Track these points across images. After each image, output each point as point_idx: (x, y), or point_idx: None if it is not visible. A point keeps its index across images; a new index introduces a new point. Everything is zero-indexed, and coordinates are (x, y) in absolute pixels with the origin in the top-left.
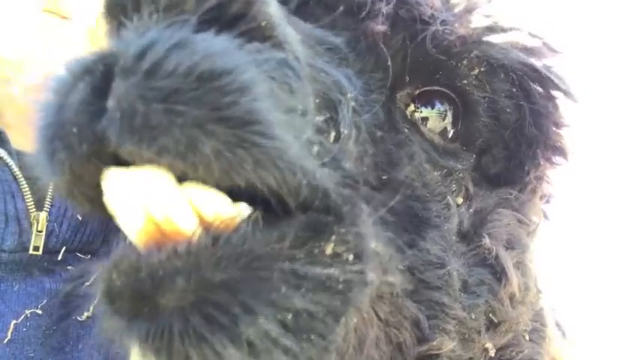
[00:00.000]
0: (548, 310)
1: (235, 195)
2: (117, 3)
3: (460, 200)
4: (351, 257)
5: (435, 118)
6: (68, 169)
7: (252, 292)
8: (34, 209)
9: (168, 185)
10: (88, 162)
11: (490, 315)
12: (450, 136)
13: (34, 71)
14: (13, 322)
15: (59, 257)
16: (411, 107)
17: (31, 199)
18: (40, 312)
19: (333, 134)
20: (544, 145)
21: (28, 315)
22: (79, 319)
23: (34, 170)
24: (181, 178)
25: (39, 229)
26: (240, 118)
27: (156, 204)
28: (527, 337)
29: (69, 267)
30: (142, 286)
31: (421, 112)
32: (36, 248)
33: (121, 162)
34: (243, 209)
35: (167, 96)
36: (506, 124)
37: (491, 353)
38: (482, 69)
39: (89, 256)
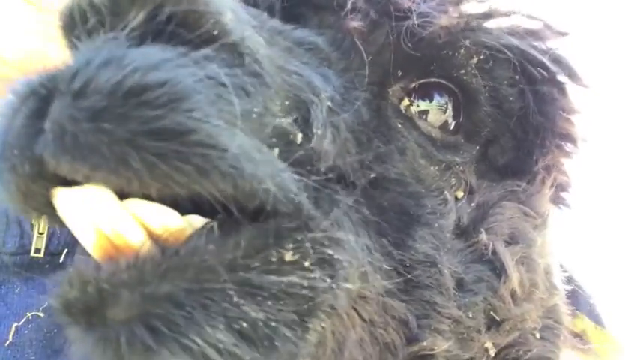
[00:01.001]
0: (562, 306)
1: (196, 204)
2: (66, 20)
3: (460, 194)
4: (308, 264)
5: (435, 111)
6: (16, 190)
7: (200, 303)
8: None
9: (111, 201)
10: (33, 182)
11: (491, 313)
12: (451, 128)
13: (35, 70)
14: (15, 324)
15: (61, 259)
16: (406, 101)
17: None
18: (41, 314)
19: (300, 135)
20: (551, 132)
21: (30, 317)
22: None
23: None
24: (127, 194)
25: (40, 231)
26: (172, 129)
27: (102, 220)
28: (537, 335)
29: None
30: (91, 300)
31: (418, 105)
32: (37, 250)
33: (66, 179)
34: (194, 220)
35: (95, 115)
36: (511, 113)
37: (492, 353)
38: (480, 57)
39: None
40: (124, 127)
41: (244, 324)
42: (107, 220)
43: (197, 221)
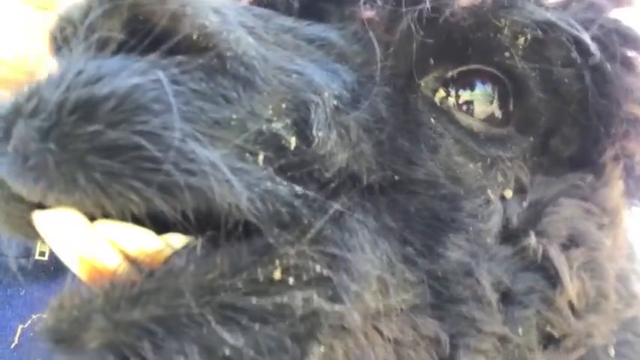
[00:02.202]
0: None
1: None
2: (49, 38)
3: (509, 193)
4: (295, 282)
5: (481, 101)
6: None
7: (172, 331)
8: None
9: (81, 224)
10: (7, 204)
11: (546, 328)
12: (499, 120)
13: (34, 71)
14: (20, 326)
15: None
16: (441, 93)
17: None
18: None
19: (294, 139)
20: (617, 117)
21: (35, 319)
22: None
23: None
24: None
25: None
26: (120, 145)
27: (78, 244)
28: (611, 352)
29: None
30: (66, 328)
31: (459, 95)
32: (42, 254)
33: None
34: (173, 240)
35: (43, 134)
36: (569, 98)
37: None
38: (528, 36)
39: None
40: (71, 145)
41: (227, 351)
42: (83, 245)
43: (178, 240)
